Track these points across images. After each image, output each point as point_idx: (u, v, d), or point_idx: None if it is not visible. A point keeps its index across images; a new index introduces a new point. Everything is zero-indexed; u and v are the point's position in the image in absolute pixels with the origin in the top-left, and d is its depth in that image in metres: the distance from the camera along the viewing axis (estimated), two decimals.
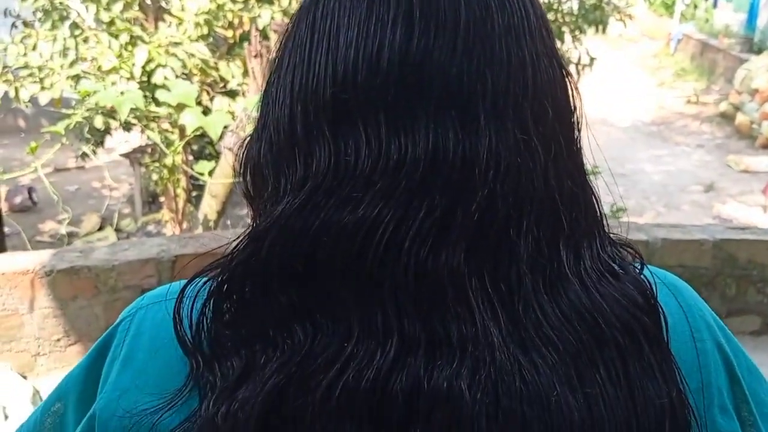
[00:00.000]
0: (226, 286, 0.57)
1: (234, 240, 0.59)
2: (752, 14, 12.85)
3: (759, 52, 12.16)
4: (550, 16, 5.86)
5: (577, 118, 0.61)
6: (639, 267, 0.61)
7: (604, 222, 0.61)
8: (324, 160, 0.54)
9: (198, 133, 4.26)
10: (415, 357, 0.52)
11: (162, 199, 5.84)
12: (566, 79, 0.60)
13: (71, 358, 2.85)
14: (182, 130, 4.50)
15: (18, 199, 6.79)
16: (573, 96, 0.60)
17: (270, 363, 0.53)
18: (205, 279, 0.59)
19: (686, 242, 3.34)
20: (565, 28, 5.74)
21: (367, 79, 0.54)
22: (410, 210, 0.52)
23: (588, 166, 0.62)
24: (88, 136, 5.39)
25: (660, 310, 0.58)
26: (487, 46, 0.54)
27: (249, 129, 4.20)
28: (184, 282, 0.60)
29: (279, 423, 0.52)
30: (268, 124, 0.59)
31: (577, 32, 5.75)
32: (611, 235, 0.63)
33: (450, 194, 0.53)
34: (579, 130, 0.61)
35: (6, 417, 2.63)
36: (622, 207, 4.51)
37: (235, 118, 4.32)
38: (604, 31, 5.94)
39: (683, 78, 13.52)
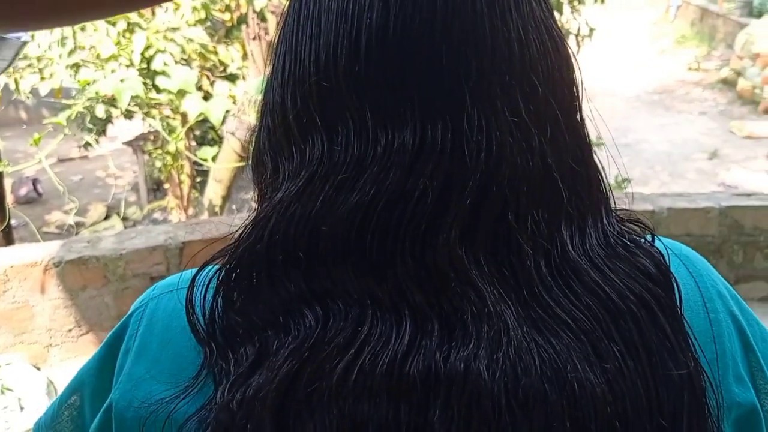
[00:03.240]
0: (234, 274, 0.57)
1: (239, 227, 0.59)
2: None
3: (759, 15, 12.05)
4: None
5: (578, 90, 0.59)
6: (650, 239, 0.61)
7: (611, 197, 0.61)
8: (317, 148, 0.54)
9: (200, 119, 4.26)
10: (430, 339, 0.52)
11: (166, 185, 5.84)
12: (562, 51, 0.58)
13: (83, 347, 2.87)
14: (184, 117, 4.50)
15: (23, 191, 6.80)
16: (572, 69, 0.59)
17: (282, 348, 0.53)
18: (215, 267, 0.59)
19: (692, 210, 3.34)
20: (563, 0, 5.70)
21: (348, 64, 0.53)
22: (404, 195, 0.52)
23: (591, 138, 0.61)
24: (90, 125, 5.39)
25: (674, 280, 0.58)
26: (467, 24, 0.53)
27: (251, 112, 4.20)
28: (194, 271, 0.61)
29: (295, 407, 0.52)
30: (265, 112, 0.60)
31: (575, 3, 5.70)
32: (619, 211, 0.62)
33: (441, 178, 0.52)
34: (580, 105, 0.60)
35: (21, 408, 2.66)
36: (627, 178, 4.49)
37: (236, 102, 4.32)
38: (603, 1, 5.89)
39: (684, 45, 13.42)
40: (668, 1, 15.29)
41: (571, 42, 5.67)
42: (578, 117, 0.59)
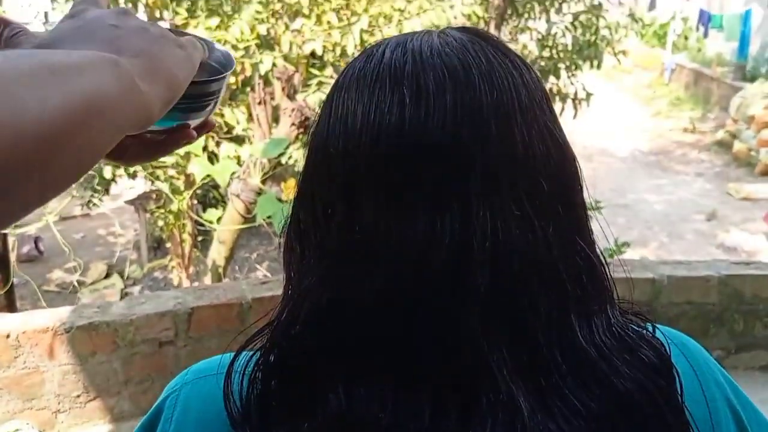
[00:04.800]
0: (271, 357, 0.60)
1: (271, 310, 0.63)
2: (744, 42, 12.97)
3: (752, 79, 12.27)
4: (546, 53, 5.94)
5: (581, 187, 0.63)
6: (651, 329, 0.64)
7: (614, 292, 0.64)
8: (341, 236, 0.59)
9: (205, 180, 4.32)
10: (449, 421, 0.55)
11: (168, 244, 5.87)
12: (565, 152, 0.62)
13: (90, 414, 2.87)
14: (188, 177, 4.56)
15: (25, 249, 6.82)
16: (575, 167, 0.63)
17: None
18: (250, 353, 0.62)
19: (692, 279, 3.37)
20: (561, 65, 5.82)
21: (369, 159, 0.58)
22: (421, 281, 0.56)
23: (590, 201, 0.64)
24: (98, 187, 5.44)
25: (675, 371, 0.61)
26: (475, 125, 0.57)
27: (255, 175, 4.27)
28: (230, 356, 0.63)
29: None
30: (297, 202, 0.65)
31: (573, 68, 5.82)
32: (621, 303, 0.65)
33: (453, 267, 0.56)
34: (584, 201, 0.63)
35: None
36: (627, 242, 4.54)
37: (241, 163, 4.38)
38: (599, 67, 6.01)
39: (679, 107, 13.62)
40: (663, 64, 15.54)
41: (569, 105, 5.77)
42: (582, 213, 0.63)
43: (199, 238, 5.29)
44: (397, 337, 0.57)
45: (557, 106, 5.68)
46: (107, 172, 4.76)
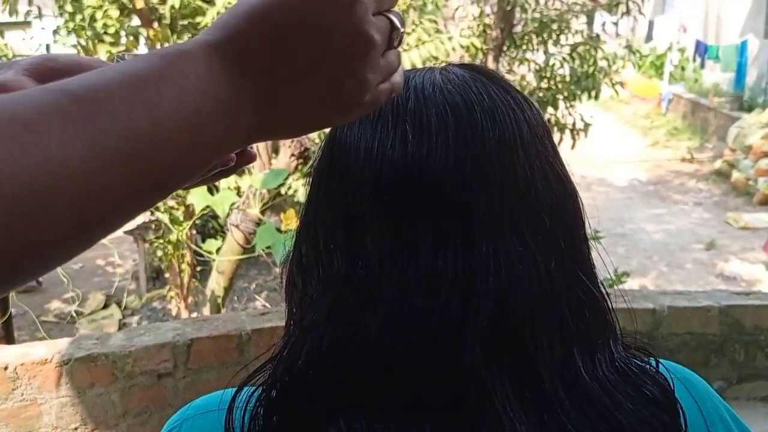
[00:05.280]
0: (273, 394, 0.60)
1: (273, 345, 0.63)
2: (740, 73, 13.07)
3: (750, 109, 12.35)
4: (544, 84, 5.98)
5: (583, 223, 0.64)
6: (654, 364, 0.64)
7: (617, 326, 0.64)
8: (341, 272, 0.59)
9: (205, 211, 4.33)
10: None
11: (167, 275, 5.86)
12: (567, 187, 0.63)
13: None
14: (188, 207, 4.57)
15: None
16: (577, 202, 0.64)
17: None
18: (251, 389, 0.62)
19: (692, 309, 3.36)
20: (559, 95, 5.85)
21: (373, 196, 0.59)
22: (425, 316, 0.56)
23: (589, 231, 0.65)
24: None
25: (679, 406, 0.61)
26: (478, 161, 0.58)
27: (255, 205, 4.27)
28: (231, 391, 0.63)
29: None
30: (299, 238, 0.65)
31: (571, 98, 5.85)
32: (625, 338, 0.65)
33: (456, 301, 0.56)
34: (586, 236, 0.64)
35: None
36: (626, 272, 4.53)
37: (241, 194, 4.39)
38: (596, 97, 6.04)
39: (676, 137, 13.68)
40: (660, 94, 15.64)
41: (567, 136, 5.80)
42: (584, 247, 0.64)
43: (198, 269, 5.28)
44: (399, 371, 0.57)
45: (556, 137, 5.70)
46: None
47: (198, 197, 4.00)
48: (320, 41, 0.43)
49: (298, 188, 4.15)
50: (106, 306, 6.69)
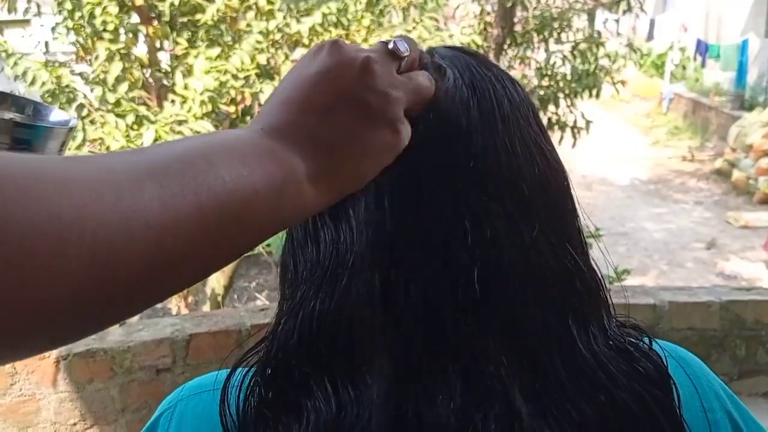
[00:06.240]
0: (268, 371, 0.60)
1: (265, 326, 0.63)
2: (741, 72, 13.08)
3: (750, 108, 12.36)
4: (545, 82, 5.98)
5: (572, 199, 0.64)
6: (648, 342, 0.64)
7: (610, 302, 0.64)
8: (328, 246, 0.59)
9: None
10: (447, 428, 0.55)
11: None
12: (552, 162, 0.63)
13: None
14: None
15: None
16: (563, 178, 0.64)
17: None
18: (245, 369, 0.61)
19: (693, 305, 3.36)
20: (560, 94, 5.85)
21: None
22: (409, 289, 0.56)
23: (590, 229, 0.65)
24: None
25: (672, 382, 0.60)
26: (460, 136, 0.59)
27: None
28: (224, 372, 0.63)
29: None
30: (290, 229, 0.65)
31: (572, 96, 5.86)
32: (617, 316, 0.65)
33: (442, 270, 0.57)
34: (576, 212, 0.64)
35: None
36: (627, 269, 4.53)
37: None
38: (598, 96, 6.05)
39: (677, 136, 13.70)
40: (661, 93, 15.66)
41: (568, 134, 5.80)
42: (572, 221, 0.63)
43: None
44: (390, 343, 0.57)
45: (556, 135, 5.71)
46: None
47: None
48: (353, 105, 0.52)
49: None
50: None
